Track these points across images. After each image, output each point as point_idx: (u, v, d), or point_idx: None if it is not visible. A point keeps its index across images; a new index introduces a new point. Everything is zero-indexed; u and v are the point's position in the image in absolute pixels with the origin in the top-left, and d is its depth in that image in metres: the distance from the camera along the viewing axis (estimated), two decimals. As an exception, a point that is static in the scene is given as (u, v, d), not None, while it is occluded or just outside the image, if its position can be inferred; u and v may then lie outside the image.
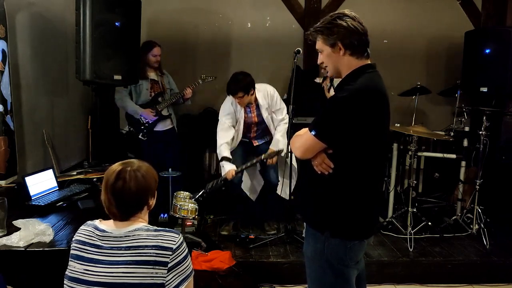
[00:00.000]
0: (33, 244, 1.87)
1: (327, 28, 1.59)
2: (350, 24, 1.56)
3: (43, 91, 3.21)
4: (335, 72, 1.67)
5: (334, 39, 1.58)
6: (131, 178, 1.37)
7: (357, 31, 1.57)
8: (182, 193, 3.03)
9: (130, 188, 1.36)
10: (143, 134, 3.70)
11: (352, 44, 1.57)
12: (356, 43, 1.58)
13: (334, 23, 1.58)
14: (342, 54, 1.59)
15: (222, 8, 4.67)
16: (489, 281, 3.04)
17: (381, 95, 1.58)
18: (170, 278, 1.32)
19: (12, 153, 2.67)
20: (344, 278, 1.66)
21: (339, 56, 1.60)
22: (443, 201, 4.29)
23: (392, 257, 3.09)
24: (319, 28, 1.62)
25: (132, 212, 1.40)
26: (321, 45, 1.64)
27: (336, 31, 1.57)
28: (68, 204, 2.45)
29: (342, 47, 1.58)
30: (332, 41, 1.59)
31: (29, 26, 2.99)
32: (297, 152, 1.67)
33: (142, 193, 1.40)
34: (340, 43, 1.58)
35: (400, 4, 4.72)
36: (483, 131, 3.48)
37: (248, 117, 3.45)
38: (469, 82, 4.24)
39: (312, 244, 1.70)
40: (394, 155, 3.71)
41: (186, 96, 3.78)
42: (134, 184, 1.37)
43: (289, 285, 2.93)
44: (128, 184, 1.36)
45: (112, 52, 3.13)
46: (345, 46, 1.58)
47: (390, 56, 4.68)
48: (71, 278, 1.35)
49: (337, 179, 1.61)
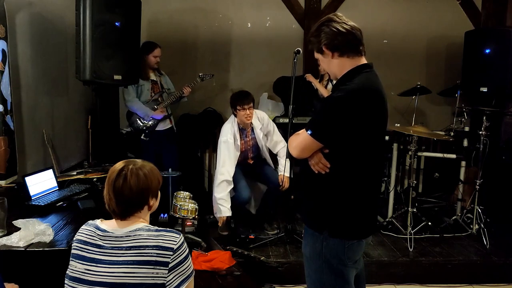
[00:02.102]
0: (33, 244, 1.87)
1: (315, 36, 1.65)
2: (332, 27, 1.60)
3: (43, 91, 3.21)
4: (333, 75, 1.71)
5: (320, 44, 1.63)
6: (132, 175, 1.38)
7: (340, 32, 1.59)
8: (182, 193, 3.03)
9: (131, 186, 1.37)
10: (145, 134, 3.71)
11: (337, 45, 1.60)
12: (342, 44, 1.60)
13: (319, 29, 1.63)
14: (331, 57, 1.63)
15: (222, 8, 4.67)
16: (489, 281, 3.03)
17: (377, 95, 1.59)
18: (170, 278, 1.32)
19: (12, 153, 2.66)
20: (343, 277, 1.67)
21: (329, 60, 1.65)
22: (443, 201, 4.29)
23: (392, 257, 3.09)
24: (310, 39, 1.70)
25: (131, 210, 1.40)
26: (315, 54, 1.71)
27: (322, 36, 1.62)
28: (68, 204, 2.45)
29: (329, 51, 1.62)
30: (319, 47, 1.64)
31: (29, 26, 2.99)
32: (294, 152, 1.67)
33: (142, 192, 1.40)
34: (325, 47, 1.62)
35: (400, 4, 4.72)
36: (483, 131, 3.48)
37: (244, 141, 3.50)
38: (469, 82, 4.25)
39: (311, 244, 1.70)
40: (394, 155, 3.71)
41: (185, 94, 3.80)
42: (134, 182, 1.37)
43: (289, 285, 2.93)
44: (128, 182, 1.37)
45: (112, 52, 3.13)
46: (331, 48, 1.62)
47: (390, 56, 4.68)
48: (72, 278, 1.35)
49: (334, 179, 1.62)
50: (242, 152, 3.50)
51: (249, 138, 3.52)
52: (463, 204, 3.76)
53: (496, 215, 3.69)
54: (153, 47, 3.70)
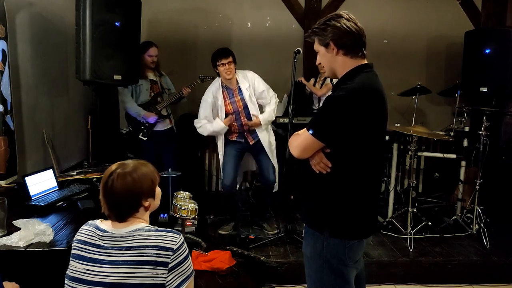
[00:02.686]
0: (33, 244, 1.87)
1: (321, 29, 1.63)
2: (343, 24, 1.58)
3: (43, 91, 3.21)
4: (331, 72, 1.69)
5: (327, 39, 1.61)
6: (118, 179, 1.37)
7: (351, 32, 1.59)
8: (182, 193, 3.03)
9: (118, 189, 1.36)
10: (143, 134, 3.71)
11: (345, 44, 1.60)
12: (350, 43, 1.60)
13: (328, 23, 1.61)
14: (336, 53, 1.62)
15: (222, 8, 4.67)
16: (489, 281, 3.04)
17: (378, 94, 1.59)
18: (170, 279, 1.32)
19: (12, 153, 2.66)
20: (343, 277, 1.66)
21: (333, 56, 1.63)
22: (443, 201, 4.29)
23: (392, 257, 3.09)
24: (315, 29, 1.66)
25: (125, 213, 1.40)
26: (317, 46, 1.68)
27: (329, 31, 1.60)
28: (68, 204, 2.45)
29: (335, 47, 1.61)
30: (326, 41, 1.62)
31: (29, 26, 2.99)
32: (295, 152, 1.66)
33: (131, 195, 1.38)
34: (332, 42, 1.60)
35: (400, 4, 4.72)
36: (483, 131, 3.48)
37: (232, 102, 3.44)
38: (469, 82, 4.25)
39: (311, 244, 1.70)
40: (394, 155, 3.70)
41: (184, 95, 3.78)
42: (121, 186, 1.36)
43: (289, 285, 2.93)
44: (115, 186, 1.36)
45: (112, 52, 3.13)
46: (338, 45, 1.60)
47: (390, 56, 4.68)
48: (72, 278, 1.35)
49: (335, 179, 1.62)
50: (231, 113, 3.43)
51: (238, 99, 3.44)
52: (463, 204, 3.76)
53: (496, 215, 3.69)
54: (148, 46, 3.68)
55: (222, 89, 3.44)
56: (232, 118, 3.39)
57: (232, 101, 3.44)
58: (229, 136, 3.50)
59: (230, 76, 3.34)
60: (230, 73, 3.32)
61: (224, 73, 3.32)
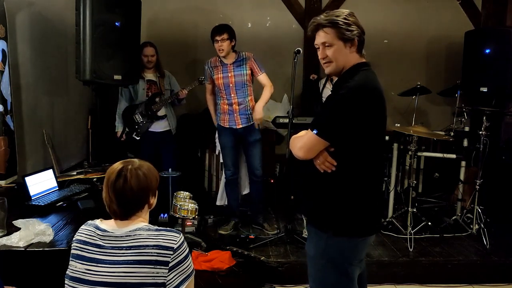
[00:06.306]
0: (33, 244, 1.87)
1: (346, 24, 1.59)
2: (359, 23, 1.63)
3: (43, 91, 3.21)
4: (339, 68, 1.66)
5: (352, 35, 1.60)
6: (132, 176, 1.38)
7: (363, 31, 1.64)
8: (182, 193, 3.03)
9: (131, 186, 1.37)
10: (136, 134, 3.70)
11: (362, 41, 1.64)
12: (363, 42, 1.65)
13: (350, 20, 1.60)
14: (355, 50, 1.63)
15: (222, 8, 4.67)
16: (489, 281, 3.03)
17: (378, 92, 1.60)
18: (171, 278, 1.32)
19: (12, 153, 2.67)
20: (347, 276, 1.66)
21: (348, 52, 1.62)
22: (443, 201, 4.29)
23: (392, 257, 3.09)
24: (336, 21, 1.59)
25: (133, 210, 1.40)
26: (332, 39, 1.61)
27: (354, 28, 1.60)
28: (68, 204, 2.45)
29: (357, 43, 1.62)
30: (349, 37, 1.60)
31: (29, 26, 2.99)
32: (300, 153, 1.64)
33: (143, 191, 1.40)
34: (357, 39, 1.61)
35: (400, 4, 4.72)
36: (483, 131, 3.48)
37: (224, 77, 3.45)
38: (469, 82, 4.25)
39: (315, 242, 1.70)
40: (394, 155, 3.70)
41: (180, 97, 3.73)
42: (135, 182, 1.37)
43: (289, 285, 2.93)
44: (129, 182, 1.37)
45: (112, 52, 3.13)
46: (359, 43, 1.63)
47: (390, 56, 4.68)
48: (72, 278, 1.35)
49: (338, 177, 1.62)
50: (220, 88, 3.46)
51: (231, 74, 3.44)
52: (463, 204, 3.76)
53: (496, 215, 3.69)
54: (142, 46, 3.65)
55: (218, 62, 3.50)
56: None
57: (224, 75, 3.46)
58: (221, 121, 3.53)
59: (223, 54, 3.39)
60: (222, 50, 3.36)
61: (217, 49, 3.38)
